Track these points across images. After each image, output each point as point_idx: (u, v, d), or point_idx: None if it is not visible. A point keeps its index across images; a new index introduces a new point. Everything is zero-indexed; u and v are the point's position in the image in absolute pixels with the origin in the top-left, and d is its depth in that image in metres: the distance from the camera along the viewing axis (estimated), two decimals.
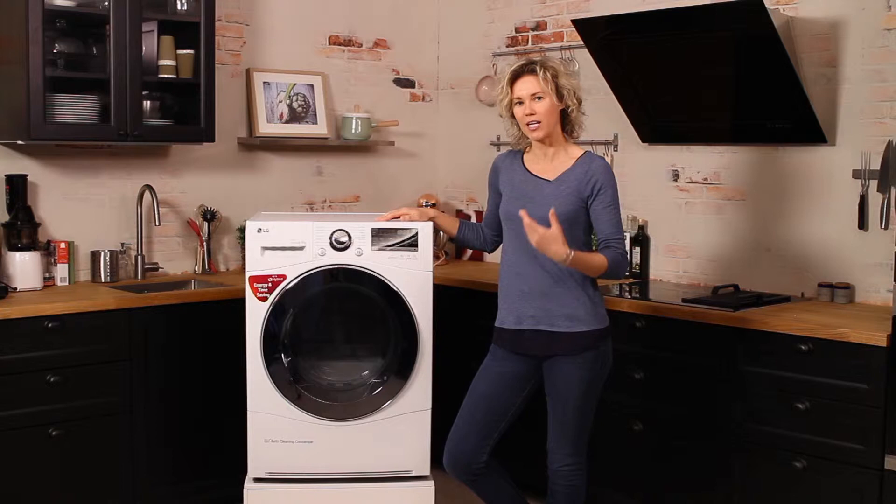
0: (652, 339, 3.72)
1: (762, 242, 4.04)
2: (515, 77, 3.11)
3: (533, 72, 3.08)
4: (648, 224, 4.41)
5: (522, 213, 2.96)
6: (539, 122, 3.09)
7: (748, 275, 4.06)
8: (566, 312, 3.09)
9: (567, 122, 3.16)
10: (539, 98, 3.07)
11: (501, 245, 3.31)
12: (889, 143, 3.53)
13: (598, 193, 3.07)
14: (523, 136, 3.21)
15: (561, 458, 3.19)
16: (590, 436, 3.26)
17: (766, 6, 3.51)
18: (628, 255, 3.08)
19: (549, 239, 2.92)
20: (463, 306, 4.31)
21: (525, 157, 3.24)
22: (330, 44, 4.90)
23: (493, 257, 5.03)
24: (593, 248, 3.18)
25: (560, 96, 3.09)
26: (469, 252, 5.15)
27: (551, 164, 3.16)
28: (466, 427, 3.21)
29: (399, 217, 3.41)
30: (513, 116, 3.16)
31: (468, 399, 3.25)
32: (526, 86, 3.08)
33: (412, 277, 3.39)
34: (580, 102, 3.15)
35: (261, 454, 3.42)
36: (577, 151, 3.17)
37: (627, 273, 4.39)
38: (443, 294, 3.72)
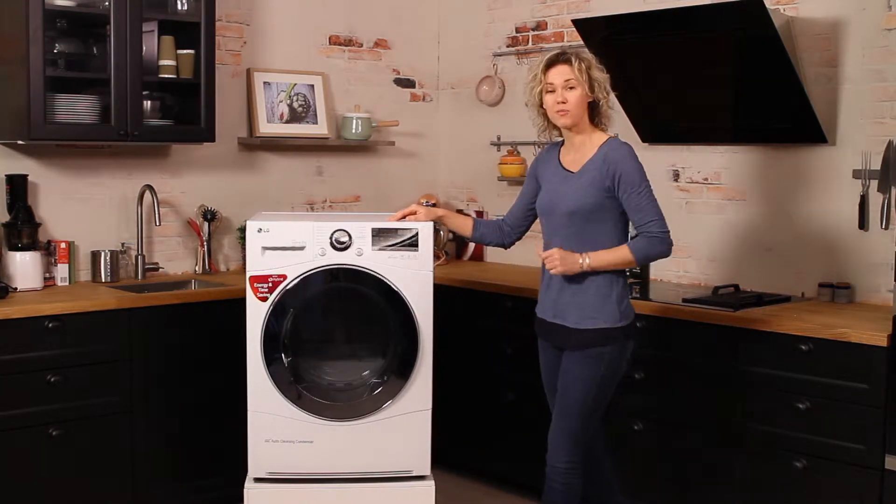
0: (652, 339, 3.71)
1: (762, 242, 4.04)
2: (550, 65, 3.14)
3: (568, 61, 3.12)
4: None
5: (537, 250, 3.18)
6: (568, 111, 3.11)
7: (748, 275, 4.06)
8: (577, 309, 3.12)
9: (595, 114, 3.18)
10: (571, 87, 3.10)
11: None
12: (889, 143, 3.53)
13: (621, 180, 3.06)
14: (550, 127, 3.24)
15: (558, 455, 3.18)
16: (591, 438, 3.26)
17: (766, 6, 3.51)
18: (669, 234, 3.05)
19: (560, 259, 3.05)
20: (463, 306, 4.31)
21: (561, 149, 3.27)
22: (330, 44, 4.90)
23: (494, 257, 5.04)
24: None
25: (592, 87, 3.11)
26: (469, 252, 5.15)
27: (577, 154, 3.18)
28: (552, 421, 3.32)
29: (408, 216, 3.42)
30: (541, 105, 3.18)
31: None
32: (560, 74, 3.11)
33: (412, 277, 3.39)
34: (608, 95, 3.17)
35: (261, 454, 3.41)
36: (600, 139, 3.17)
37: (627, 273, 4.38)
38: (443, 294, 3.72)
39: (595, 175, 3.09)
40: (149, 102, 4.09)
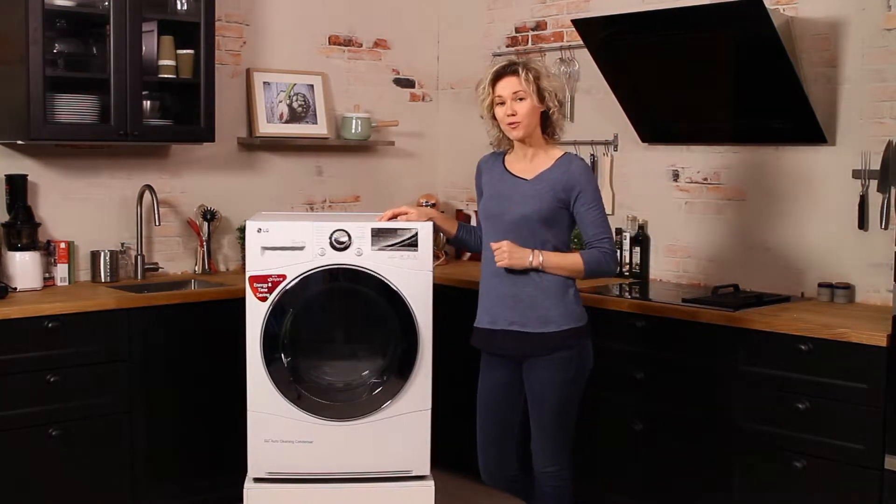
0: (652, 339, 3.71)
1: (762, 242, 4.04)
2: (497, 77, 3.12)
3: (515, 72, 3.09)
4: (648, 224, 4.41)
5: (492, 245, 3.07)
6: (519, 122, 3.09)
7: (748, 275, 4.06)
8: (539, 314, 3.09)
9: (548, 125, 3.17)
10: (520, 98, 3.08)
11: None
12: (889, 143, 3.53)
13: (579, 196, 3.08)
14: (504, 138, 3.22)
15: (544, 461, 3.18)
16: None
17: (766, 6, 3.51)
18: (617, 254, 3.07)
19: (508, 252, 3.00)
20: (463, 306, 4.28)
21: (507, 158, 3.26)
22: (330, 44, 4.90)
23: None
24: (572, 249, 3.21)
25: (541, 98, 3.09)
26: (469, 252, 5.14)
27: (530, 164, 3.17)
28: (484, 441, 3.28)
29: (398, 216, 3.41)
30: (494, 117, 3.17)
31: (477, 414, 3.30)
32: (508, 86, 3.09)
33: (412, 277, 3.39)
34: (561, 105, 3.16)
35: (261, 454, 3.41)
36: (557, 152, 3.18)
37: (627, 273, 4.40)
38: (443, 294, 3.72)
39: (552, 184, 3.09)
40: (148, 102, 4.08)
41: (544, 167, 3.14)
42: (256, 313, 3.36)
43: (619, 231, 4.39)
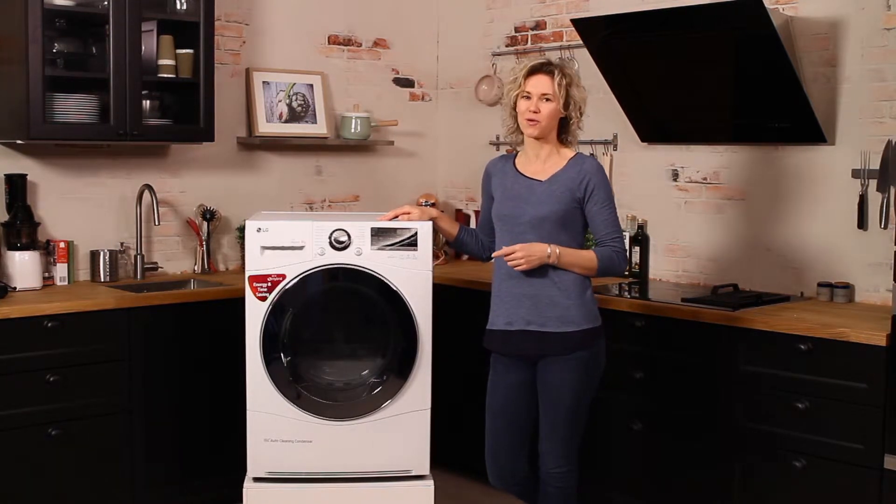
0: (652, 339, 3.72)
1: (762, 242, 4.04)
2: (532, 73, 3.13)
3: (550, 73, 3.11)
4: (648, 224, 4.41)
5: (502, 250, 3.06)
6: (538, 122, 3.11)
7: (748, 274, 4.06)
8: (557, 313, 3.09)
9: (564, 131, 3.19)
10: (547, 99, 3.10)
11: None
12: (888, 142, 3.53)
13: (592, 194, 3.10)
14: (517, 131, 3.23)
15: (553, 462, 3.18)
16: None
17: (766, 6, 3.51)
18: (627, 253, 3.10)
19: (526, 252, 3.00)
20: (463, 306, 4.30)
21: (517, 160, 3.27)
22: (329, 43, 4.90)
23: None
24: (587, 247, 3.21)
25: (567, 104, 3.12)
26: None
27: (543, 165, 3.18)
28: (495, 445, 3.27)
29: (400, 216, 3.41)
30: (514, 107, 3.18)
31: (487, 417, 3.29)
32: (539, 84, 3.11)
33: (412, 277, 3.39)
34: (581, 115, 3.18)
35: (260, 454, 3.41)
36: (569, 153, 3.20)
37: (627, 272, 4.39)
38: (443, 294, 3.72)
39: (568, 184, 3.11)
40: (148, 102, 4.09)
41: (557, 168, 3.15)
42: (256, 313, 3.36)
43: None
